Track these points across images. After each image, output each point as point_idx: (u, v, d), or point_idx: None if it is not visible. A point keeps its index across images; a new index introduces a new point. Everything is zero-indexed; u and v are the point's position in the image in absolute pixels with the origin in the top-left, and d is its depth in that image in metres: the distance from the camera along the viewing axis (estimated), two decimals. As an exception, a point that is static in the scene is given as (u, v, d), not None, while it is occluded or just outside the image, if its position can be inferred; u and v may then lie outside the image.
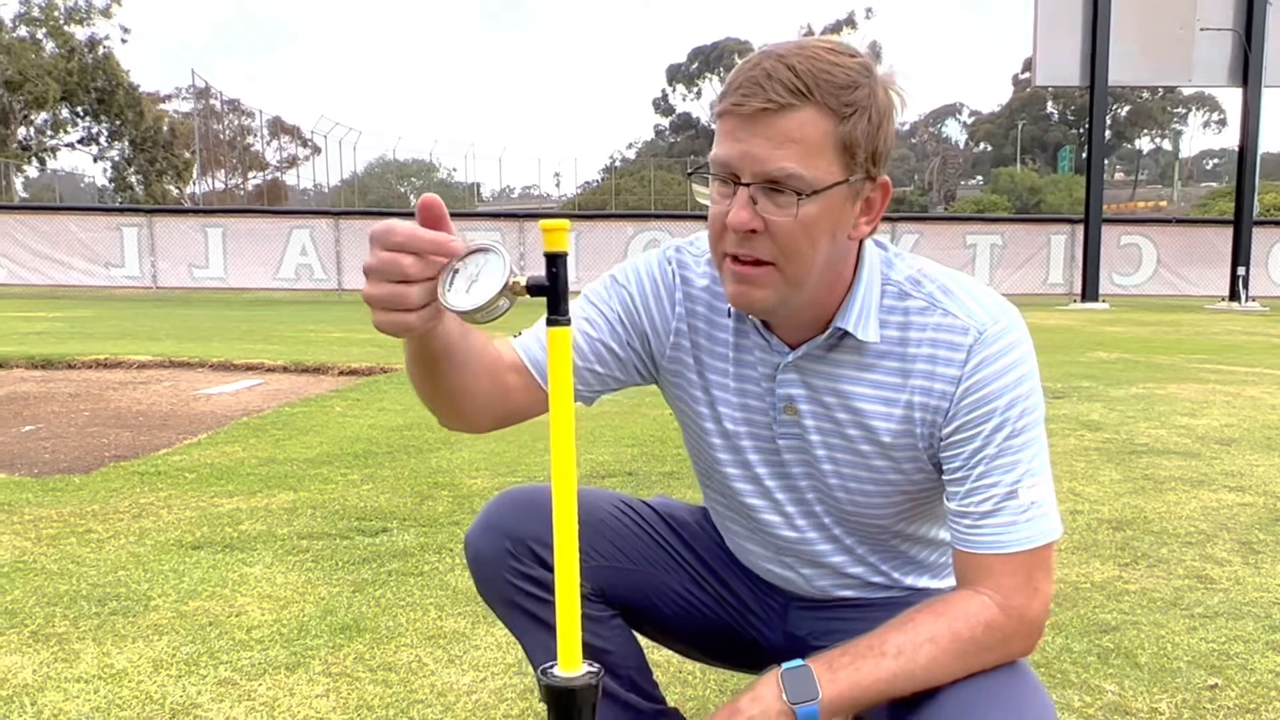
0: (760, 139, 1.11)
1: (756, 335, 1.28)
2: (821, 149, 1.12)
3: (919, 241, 16.13)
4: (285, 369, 7.20)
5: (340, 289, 16.49)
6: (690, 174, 1.20)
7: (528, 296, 0.92)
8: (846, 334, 1.24)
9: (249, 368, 7.10)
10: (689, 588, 1.43)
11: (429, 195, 0.98)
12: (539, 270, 0.95)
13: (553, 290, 0.89)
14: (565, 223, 0.86)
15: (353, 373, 7.28)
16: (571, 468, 0.89)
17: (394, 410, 5.38)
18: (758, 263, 1.16)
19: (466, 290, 0.93)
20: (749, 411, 1.30)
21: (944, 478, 1.23)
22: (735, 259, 1.16)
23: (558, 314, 0.88)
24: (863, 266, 1.24)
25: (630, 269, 1.33)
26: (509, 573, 1.31)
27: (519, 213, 18.57)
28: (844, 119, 1.11)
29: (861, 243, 1.22)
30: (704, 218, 1.22)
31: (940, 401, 1.21)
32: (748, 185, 1.13)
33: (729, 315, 1.28)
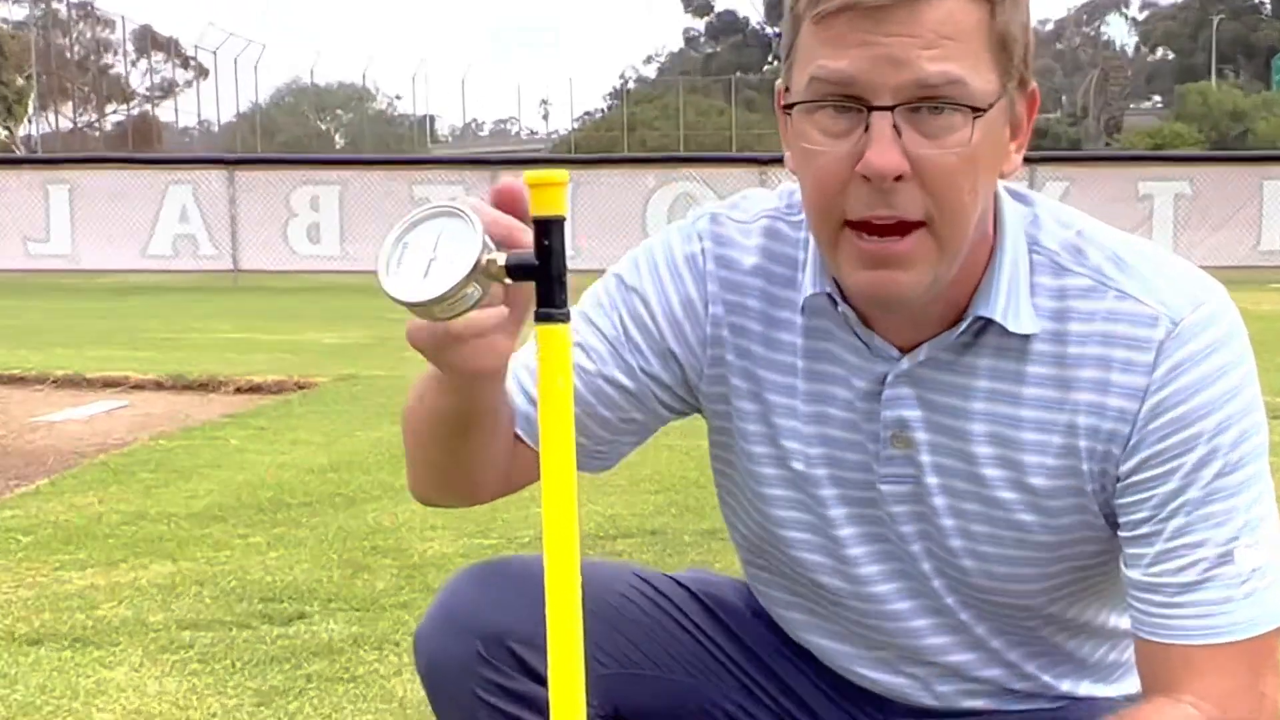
0: (903, 38, 1.10)
1: (846, 334, 1.28)
2: (978, 48, 1.12)
3: (1068, 191, 16.07)
4: (159, 385, 7.23)
5: (236, 269, 16.69)
6: (789, 107, 1.16)
7: (508, 281, 0.90)
8: (989, 325, 1.22)
9: (107, 384, 7.16)
10: (739, 701, 1.41)
11: (509, 182, 0.96)
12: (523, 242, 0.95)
13: (544, 271, 0.86)
14: (561, 174, 0.84)
15: (255, 390, 7.31)
16: (572, 530, 0.85)
17: (314, 443, 5.41)
18: (903, 228, 1.14)
19: (424, 273, 0.92)
20: (832, 446, 1.31)
21: (1122, 536, 1.21)
22: (866, 227, 1.15)
23: (551, 305, 0.85)
24: (1003, 224, 1.24)
25: (642, 258, 1.34)
26: (479, 685, 1.30)
27: (490, 158, 18.77)
28: (996, 4, 1.12)
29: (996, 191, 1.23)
30: (757, 161, 1.20)
31: (1117, 425, 1.19)
32: (889, 109, 1.11)
33: (800, 310, 1.29)
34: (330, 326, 10.59)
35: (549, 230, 0.87)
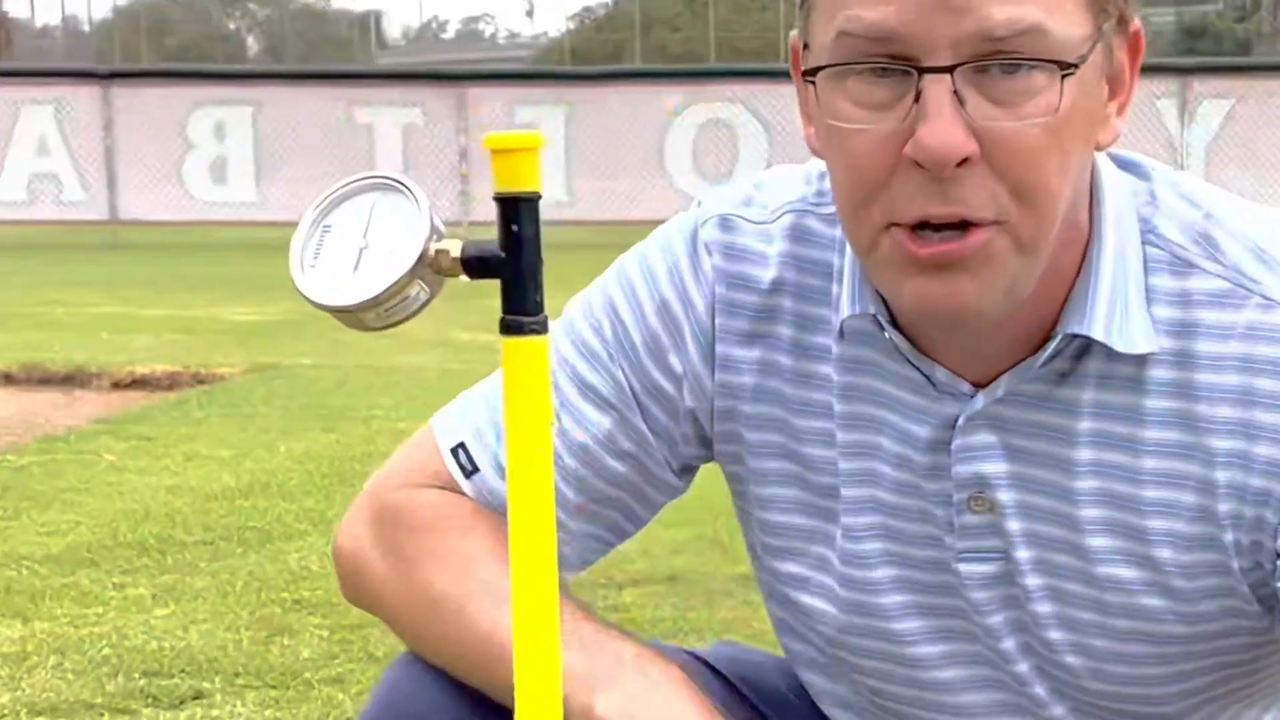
0: None
1: (899, 365, 1.29)
2: None
3: (1232, 113, 16.04)
4: (7, 378, 7.26)
5: (114, 220, 16.79)
6: (810, 73, 1.16)
7: (464, 278, 0.90)
8: (1089, 346, 1.23)
9: (-63, 377, 7.23)
10: None
11: None
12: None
13: (512, 266, 0.86)
14: (535, 137, 0.83)
15: (138, 385, 7.36)
16: (551, 608, 0.87)
17: (217, 458, 5.47)
18: (967, 227, 1.14)
19: (353, 267, 0.92)
20: (886, 513, 1.32)
21: None
22: (922, 228, 1.15)
23: (522, 311, 0.86)
24: (1103, 207, 1.24)
25: (634, 271, 1.37)
26: None
27: (456, 71, 18.74)
28: None
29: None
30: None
31: (1270, 482, 1.20)
32: (948, 70, 1.11)
33: (838, 333, 1.30)
34: (240, 298, 10.62)
35: (518, 212, 0.86)
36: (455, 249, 0.90)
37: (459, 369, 7.28)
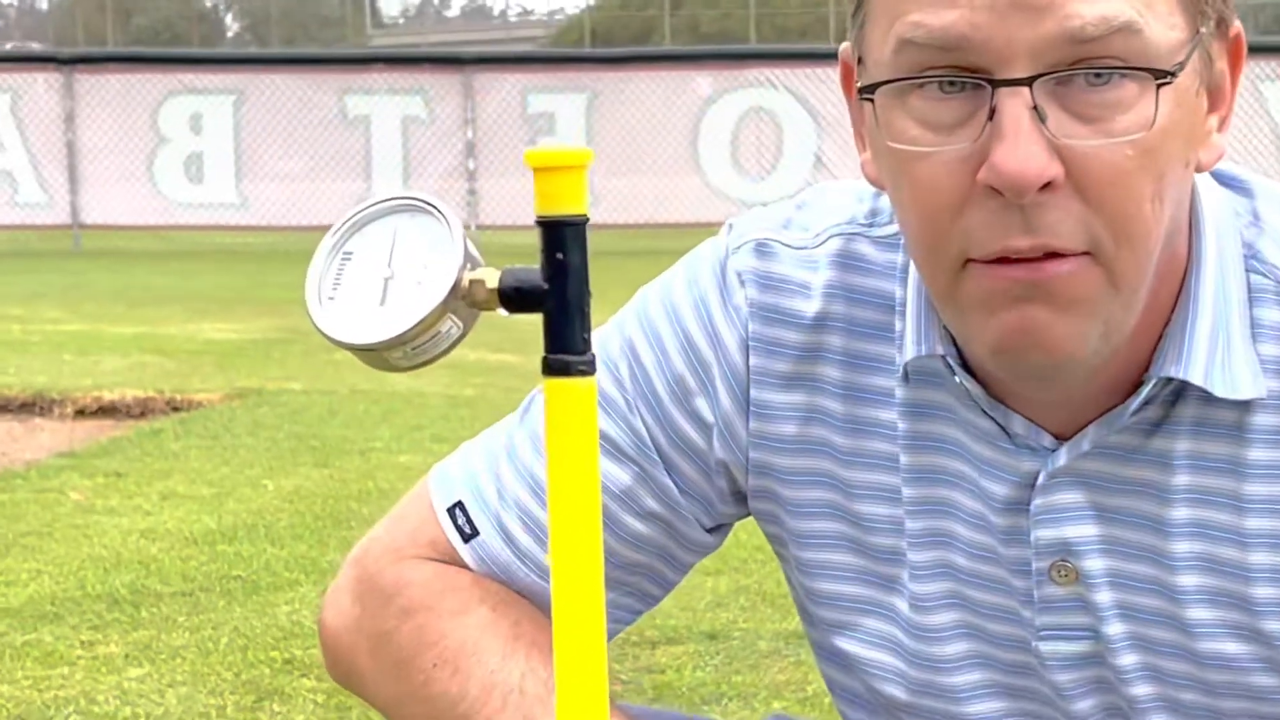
0: None
1: (971, 413, 1.29)
2: None
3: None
4: (-41, 405, 7.36)
5: (76, 224, 16.89)
6: (867, 91, 1.16)
7: (503, 312, 0.91)
8: (1184, 390, 1.23)
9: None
10: None
11: None
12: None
13: (557, 299, 0.87)
14: (583, 153, 0.84)
15: (105, 413, 7.35)
16: (601, 690, 0.87)
17: (196, 497, 5.47)
18: (1053, 259, 1.13)
19: (378, 300, 0.93)
20: (957, 581, 1.32)
21: None
22: (1003, 262, 1.14)
23: (567, 349, 0.86)
24: (1202, 232, 1.23)
25: (656, 306, 1.37)
26: None
27: (462, 54, 18.80)
28: None
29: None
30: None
31: None
32: (1026, 82, 1.11)
33: (905, 376, 1.30)
34: (220, 314, 10.68)
35: (562, 237, 0.86)
36: (491, 279, 0.90)
37: (469, 395, 7.29)
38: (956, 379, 1.25)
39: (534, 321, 0.89)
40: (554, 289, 0.86)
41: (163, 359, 8.38)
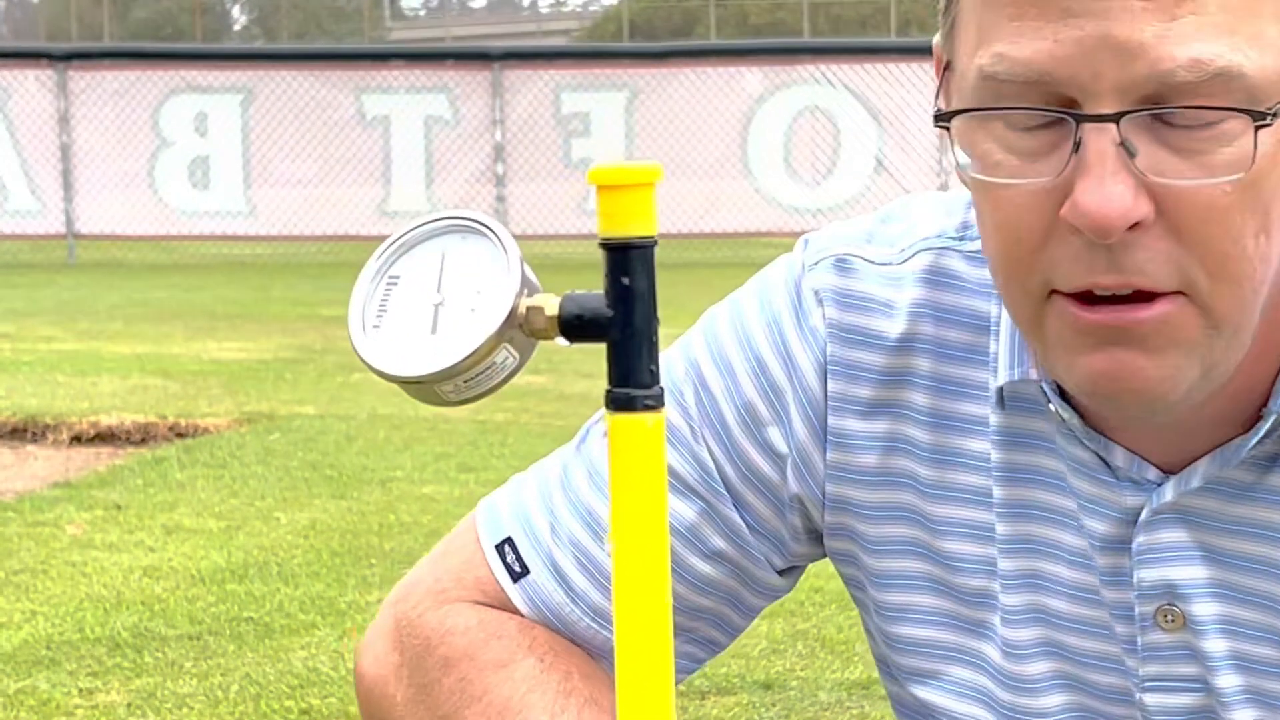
0: (1131, 1, 1.10)
1: (1070, 444, 1.29)
2: (1255, 5, 1.12)
3: None
4: (-56, 431, 7.37)
5: (72, 234, 16.97)
6: (942, 118, 1.18)
7: (563, 342, 0.92)
8: None
9: None
10: None
11: None
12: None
13: (621, 326, 0.87)
14: (652, 170, 0.85)
15: (104, 440, 7.36)
16: None
17: (204, 531, 5.50)
18: (1145, 299, 1.14)
19: (430, 328, 0.94)
20: (1052, 626, 1.32)
21: None
22: (1088, 299, 1.15)
23: (632, 382, 0.87)
24: None
25: (725, 327, 1.38)
26: None
27: (489, 50, 18.86)
28: None
29: None
30: (924, 50, 1.20)
31: None
32: (1113, 119, 1.11)
33: (999, 402, 1.31)
34: (227, 331, 10.72)
35: (628, 261, 0.87)
36: (551, 305, 0.91)
37: (499, 420, 7.30)
38: (1051, 406, 1.26)
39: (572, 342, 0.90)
40: (619, 317, 0.87)
41: (165, 380, 8.41)
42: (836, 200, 16.43)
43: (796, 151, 16.83)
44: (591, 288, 0.89)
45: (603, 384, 0.84)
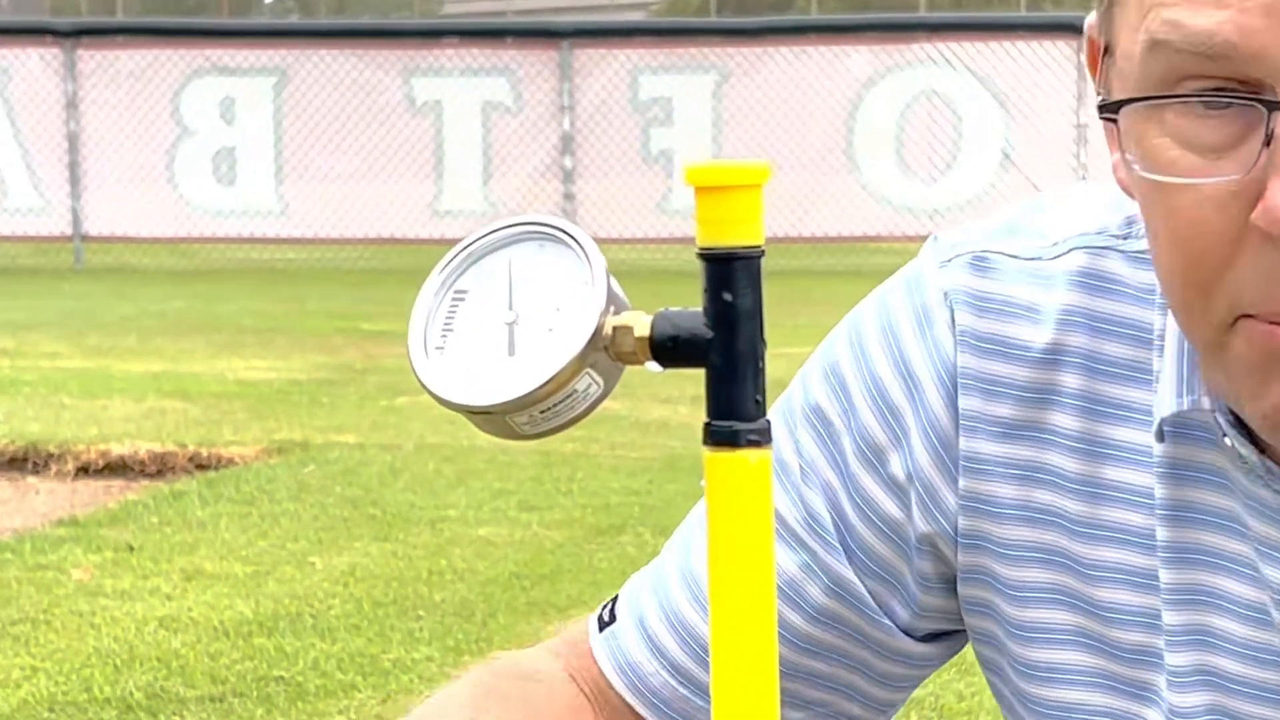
0: None
1: (1250, 483, 1.29)
2: None
3: None
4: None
5: (80, 235, 17.11)
6: (1108, 108, 1.18)
7: (654, 367, 0.92)
8: None
9: None
10: None
11: None
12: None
13: (722, 349, 0.88)
14: (759, 169, 0.85)
15: (114, 471, 7.42)
16: None
17: (228, 577, 5.54)
18: None
19: (501, 350, 0.95)
20: (1223, 690, 1.32)
21: None
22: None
23: (736, 414, 0.87)
24: None
25: (842, 339, 1.39)
26: None
27: (556, 27, 18.92)
28: None
29: None
30: (1074, 28, 1.20)
31: None
32: None
33: (1156, 432, 1.31)
34: (255, 347, 10.79)
35: (732, 274, 0.87)
36: (641, 325, 0.91)
37: (568, 451, 7.31)
38: (1228, 441, 1.25)
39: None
40: (720, 338, 0.87)
41: (185, 404, 8.47)
42: (956, 199, 16.41)
43: (910, 143, 16.80)
44: (671, 299, 0.89)
45: (684, 410, 0.84)
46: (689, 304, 0.89)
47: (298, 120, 17.17)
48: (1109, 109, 1.16)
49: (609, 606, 1.41)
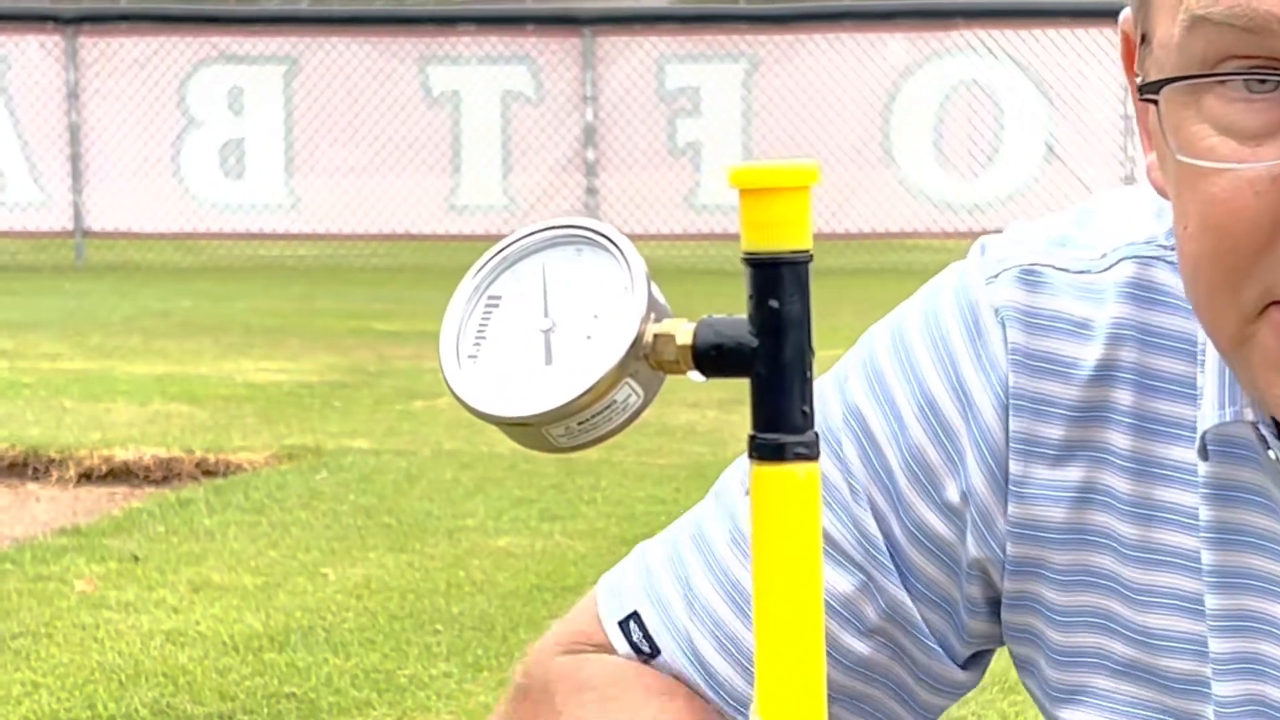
0: None
1: None
2: None
3: None
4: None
5: (81, 231, 17.15)
6: (1147, 90, 1.18)
7: (697, 376, 0.92)
8: None
9: None
10: None
11: None
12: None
13: (768, 359, 0.88)
14: (808, 170, 0.86)
15: (118, 477, 7.47)
16: None
17: (237, 589, 5.57)
18: None
19: (537, 360, 0.95)
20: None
21: None
22: None
23: (782, 427, 0.88)
24: None
25: (886, 355, 1.39)
26: None
27: (577, 13, 18.90)
28: None
29: None
30: (1112, 11, 1.19)
31: None
32: None
33: (1200, 450, 1.31)
34: (266, 348, 10.81)
35: (778, 281, 0.88)
36: (683, 333, 0.91)
37: (592, 458, 7.29)
38: (1271, 453, 1.25)
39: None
40: (766, 347, 0.87)
41: (191, 407, 8.49)
42: (998, 194, 16.37)
43: (950, 135, 16.77)
44: (701, 299, 0.89)
45: (712, 415, 0.84)
46: (719, 304, 0.90)
47: (309, 111, 17.19)
48: (1149, 89, 1.17)
49: (638, 630, 1.39)
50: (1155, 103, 1.17)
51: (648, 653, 1.38)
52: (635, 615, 1.39)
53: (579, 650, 1.40)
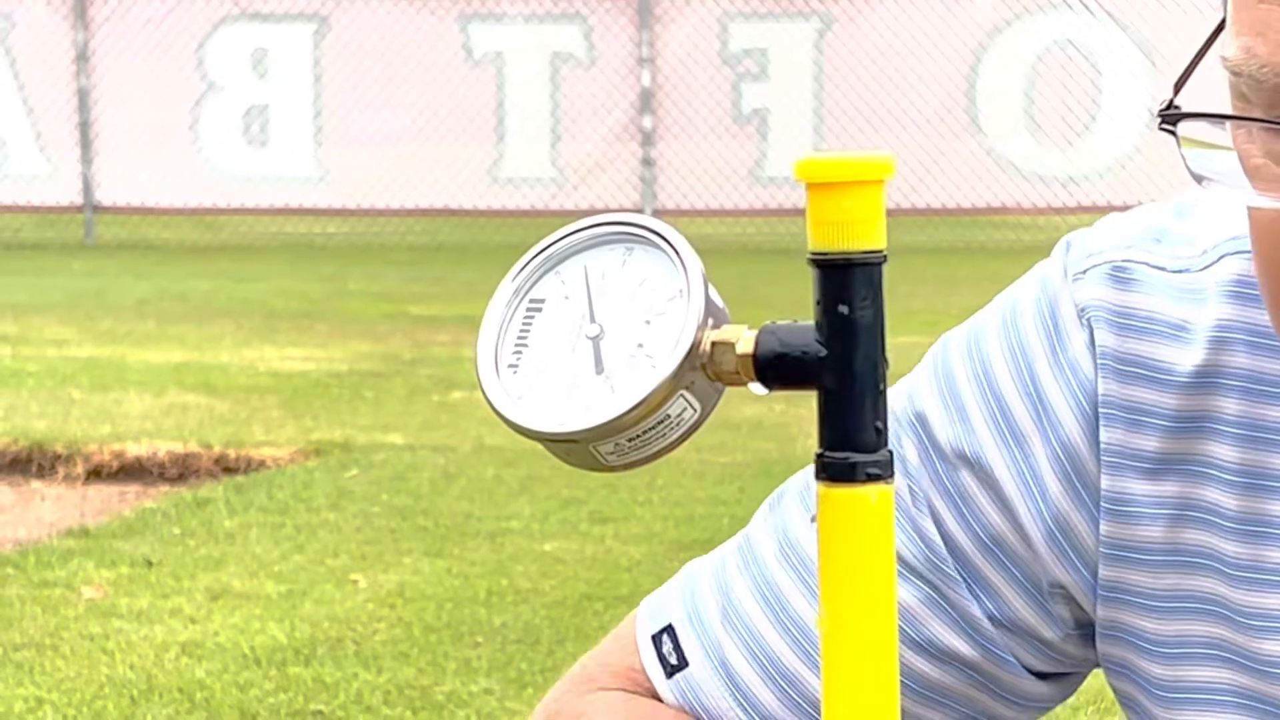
0: None
1: None
2: None
3: None
4: (-67, 464, 7.49)
5: (92, 206, 17.21)
6: (1168, 115, 1.20)
7: (758, 389, 0.92)
8: None
9: None
10: None
11: None
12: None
13: (838, 370, 0.88)
14: (882, 163, 0.86)
15: (131, 474, 7.57)
16: None
17: (259, 597, 5.64)
18: None
19: (583, 370, 0.96)
20: None
21: None
22: None
23: (853, 445, 0.88)
24: None
25: (959, 357, 1.41)
26: None
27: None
28: None
29: None
30: None
31: None
32: None
33: None
34: (291, 334, 10.85)
35: (849, 284, 0.88)
36: (743, 341, 0.91)
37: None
38: None
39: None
40: (834, 357, 0.87)
41: (210, 398, 8.53)
42: (1095, 166, 16.36)
43: (1042, 101, 16.75)
44: (764, 280, 0.89)
45: (779, 408, 0.84)
46: (785, 289, 0.90)
47: (339, 74, 17.24)
48: (1168, 121, 1.20)
49: (669, 642, 1.40)
50: (1174, 133, 1.20)
51: (675, 664, 1.38)
52: (669, 628, 1.40)
53: (593, 690, 1.41)
